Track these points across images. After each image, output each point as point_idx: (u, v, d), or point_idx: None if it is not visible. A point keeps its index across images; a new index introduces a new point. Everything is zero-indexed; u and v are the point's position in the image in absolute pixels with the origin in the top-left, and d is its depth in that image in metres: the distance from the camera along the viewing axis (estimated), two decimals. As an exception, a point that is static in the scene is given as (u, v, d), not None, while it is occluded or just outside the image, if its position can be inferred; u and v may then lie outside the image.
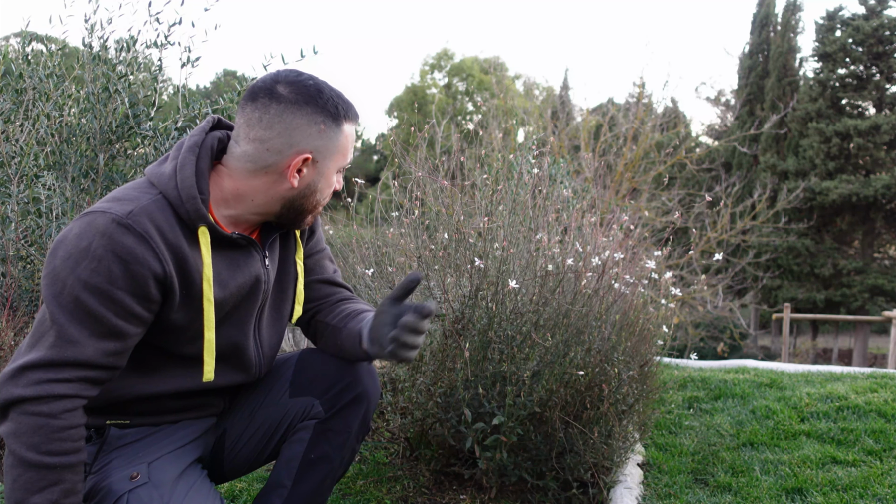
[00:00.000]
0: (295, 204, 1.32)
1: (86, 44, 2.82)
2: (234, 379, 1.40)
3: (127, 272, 1.14)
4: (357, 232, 3.04)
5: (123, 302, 1.15)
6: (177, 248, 1.20)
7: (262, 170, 1.26)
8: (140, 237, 1.16)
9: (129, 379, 1.28)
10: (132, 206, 1.18)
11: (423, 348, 2.21)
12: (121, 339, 1.17)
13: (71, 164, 2.70)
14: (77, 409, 1.14)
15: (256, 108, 1.25)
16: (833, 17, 19.94)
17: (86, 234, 1.14)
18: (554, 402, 2.02)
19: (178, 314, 1.24)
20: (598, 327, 2.11)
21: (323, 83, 1.29)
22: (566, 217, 2.67)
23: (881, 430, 2.73)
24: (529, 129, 15.04)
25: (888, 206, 18.89)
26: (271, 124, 1.24)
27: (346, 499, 2.13)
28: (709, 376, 3.70)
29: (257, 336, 1.41)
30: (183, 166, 1.24)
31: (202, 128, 1.31)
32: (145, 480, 1.28)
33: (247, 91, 1.28)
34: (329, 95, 1.27)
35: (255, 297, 1.36)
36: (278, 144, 1.25)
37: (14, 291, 2.60)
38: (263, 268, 1.36)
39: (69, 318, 1.13)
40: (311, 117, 1.25)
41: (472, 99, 30.65)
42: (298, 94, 1.25)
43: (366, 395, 1.45)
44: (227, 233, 1.27)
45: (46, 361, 1.11)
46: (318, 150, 1.27)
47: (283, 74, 1.27)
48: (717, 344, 15.46)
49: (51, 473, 1.10)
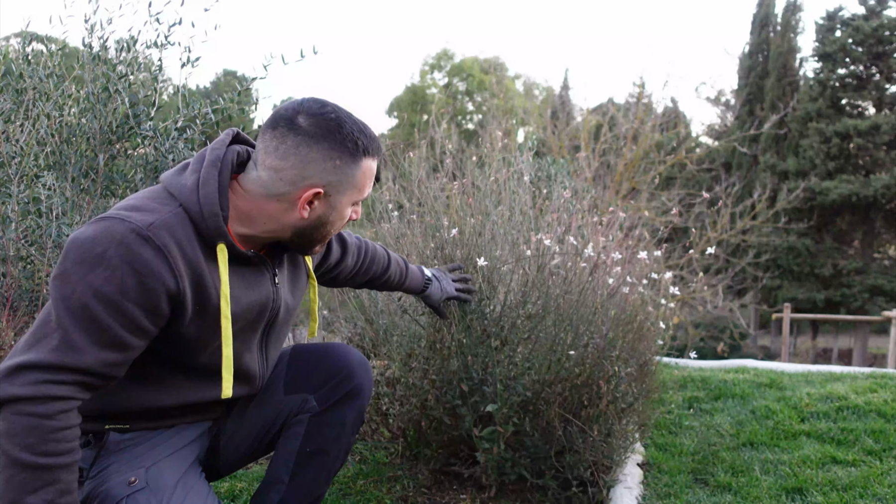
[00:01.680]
0: (305, 233, 1.31)
1: (86, 44, 2.82)
2: (238, 392, 1.41)
3: (140, 285, 1.13)
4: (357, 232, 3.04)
5: (132, 314, 1.14)
6: (194, 263, 1.20)
7: (274, 197, 1.25)
8: (158, 251, 1.14)
9: (137, 391, 1.28)
10: (153, 218, 1.16)
11: (414, 341, 2.26)
12: (123, 351, 1.16)
13: (71, 164, 2.70)
14: (72, 410, 1.13)
15: (275, 137, 1.23)
16: (833, 17, 19.94)
17: (101, 241, 1.12)
18: (550, 396, 2.02)
19: (189, 328, 1.23)
20: (594, 321, 2.11)
21: (346, 116, 1.26)
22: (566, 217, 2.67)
23: (881, 430, 2.73)
24: (529, 129, 15.03)
25: (888, 206, 18.89)
26: (286, 155, 1.23)
27: (346, 499, 2.13)
28: (709, 376, 3.70)
29: (263, 352, 1.42)
30: (206, 181, 1.22)
31: (223, 141, 1.30)
32: (143, 485, 1.27)
33: (270, 116, 1.27)
34: (349, 131, 1.25)
35: (262, 314, 1.36)
36: (291, 176, 1.23)
37: (14, 291, 2.60)
38: (273, 286, 1.37)
39: (75, 324, 1.11)
40: (327, 153, 1.24)
41: (472, 99, 30.64)
42: (318, 127, 1.23)
43: (360, 388, 1.46)
44: (243, 251, 1.27)
45: (46, 364, 1.10)
46: (332, 184, 1.26)
47: (307, 105, 1.25)
48: (717, 344, 15.44)
49: (46, 474, 1.09)
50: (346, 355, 1.49)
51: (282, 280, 1.40)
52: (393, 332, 2.38)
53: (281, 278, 1.40)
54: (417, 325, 2.27)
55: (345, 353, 1.51)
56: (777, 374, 3.75)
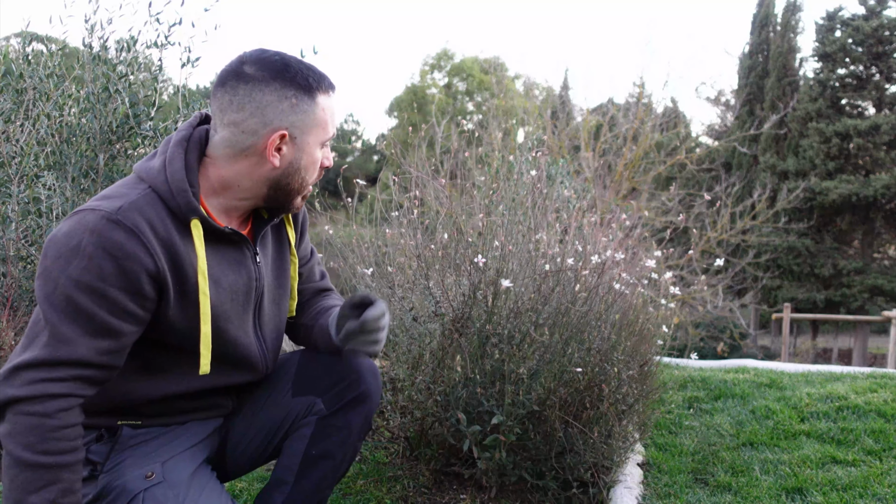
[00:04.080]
0: (281, 184, 1.30)
1: (86, 44, 2.82)
2: (243, 377, 1.40)
3: (118, 268, 1.14)
4: (357, 232, 3.04)
5: (116, 299, 1.14)
6: (168, 242, 1.20)
7: (241, 153, 1.25)
8: (130, 232, 1.15)
9: (137, 381, 1.28)
10: (121, 202, 1.17)
11: (423, 347, 2.21)
12: (115, 338, 1.16)
13: (71, 164, 2.70)
14: (72, 409, 1.13)
15: (226, 92, 1.23)
16: (833, 18, 19.93)
17: (75, 233, 1.13)
18: (553, 401, 2.02)
19: (175, 311, 1.23)
20: (597, 327, 2.11)
21: (290, 57, 1.26)
22: (566, 217, 2.67)
23: (881, 429, 2.73)
24: (529, 129, 15.04)
25: (888, 206, 18.89)
26: (242, 106, 1.22)
27: (346, 499, 2.13)
28: (709, 376, 3.70)
29: (259, 333, 1.41)
30: (172, 160, 1.23)
31: (190, 123, 1.30)
32: (160, 480, 1.28)
33: (216, 77, 1.27)
34: (297, 69, 1.24)
35: (248, 294, 1.35)
36: (252, 125, 1.23)
37: (14, 291, 2.61)
38: (254, 265, 1.36)
39: (61, 317, 1.12)
40: (280, 92, 1.23)
41: (472, 99, 30.65)
42: (265, 70, 1.22)
43: (368, 393, 1.45)
44: (220, 227, 1.26)
45: (40, 361, 1.11)
46: (294, 125, 1.25)
47: (248, 54, 1.26)
48: (717, 344, 15.45)
49: (47, 473, 1.09)
50: (355, 360, 1.48)
51: (265, 259, 1.40)
52: (400, 335, 2.33)
53: (265, 258, 1.40)
54: (426, 334, 2.22)
55: (354, 357, 1.50)
56: (777, 374, 3.75)
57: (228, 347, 1.34)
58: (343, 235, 3.40)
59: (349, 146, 29.62)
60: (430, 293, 2.30)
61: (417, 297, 2.37)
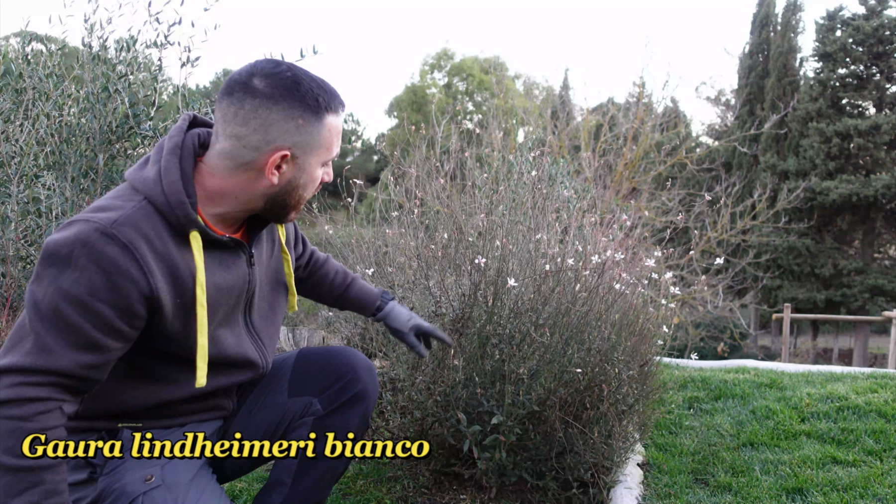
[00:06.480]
0: (277, 200, 1.28)
1: (86, 44, 2.82)
2: (244, 376, 1.40)
3: (109, 283, 1.11)
4: (357, 232, 3.04)
5: (103, 314, 1.12)
6: (166, 257, 1.18)
7: (240, 167, 1.22)
8: (124, 248, 1.12)
9: (137, 388, 1.28)
10: (117, 215, 1.14)
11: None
12: (99, 353, 1.13)
13: (71, 164, 2.70)
14: (51, 412, 1.11)
15: (232, 103, 1.20)
16: (833, 17, 19.93)
17: (68, 243, 1.11)
18: (553, 401, 2.02)
19: (174, 323, 1.22)
20: (597, 327, 2.11)
21: (302, 74, 1.22)
22: (566, 217, 2.67)
23: (881, 430, 2.73)
24: (529, 128, 15.03)
25: (888, 206, 18.89)
26: (247, 120, 1.19)
27: (346, 499, 2.13)
28: (709, 376, 3.70)
29: (252, 329, 1.40)
30: (167, 170, 1.20)
31: (180, 127, 1.27)
32: (159, 483, 1.27)
33: (224, 83, 1.23)
34: (308, 87, 1.21)
35: (240, 296, 1.35)
36: (255, 141, 1.20)
37: (14, 291, 2.61)
38: (249, 267, 1.35)
39: (47, 327, 1.10)
40: (288, 112, 1.20)
41: (472, 99, 30.64)
42: (275, 87, 1.19)
43: (365, 392, 1.45)
44: (219, 236, 1.25)
45: (20, 367, 1.09)
46: (298, 145, 1.22)
47: (260, 66, 1.21)
48: (717, 344, 15.45)
49: (29, 476, 1.08)
50: (351, 359, 1.48)
51: (259, 259, 1.39)
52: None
53: (259, 258, 1.39)
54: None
55: (350, 356, 1.49)
56: (777, 375, 3.75)
57: (226, 350, 1.34)
58: (343, 235, 3.40)
59: (349, 146, 29.64)
60: (430, 293, 2.30)
61: (418, 297, 2.37)
